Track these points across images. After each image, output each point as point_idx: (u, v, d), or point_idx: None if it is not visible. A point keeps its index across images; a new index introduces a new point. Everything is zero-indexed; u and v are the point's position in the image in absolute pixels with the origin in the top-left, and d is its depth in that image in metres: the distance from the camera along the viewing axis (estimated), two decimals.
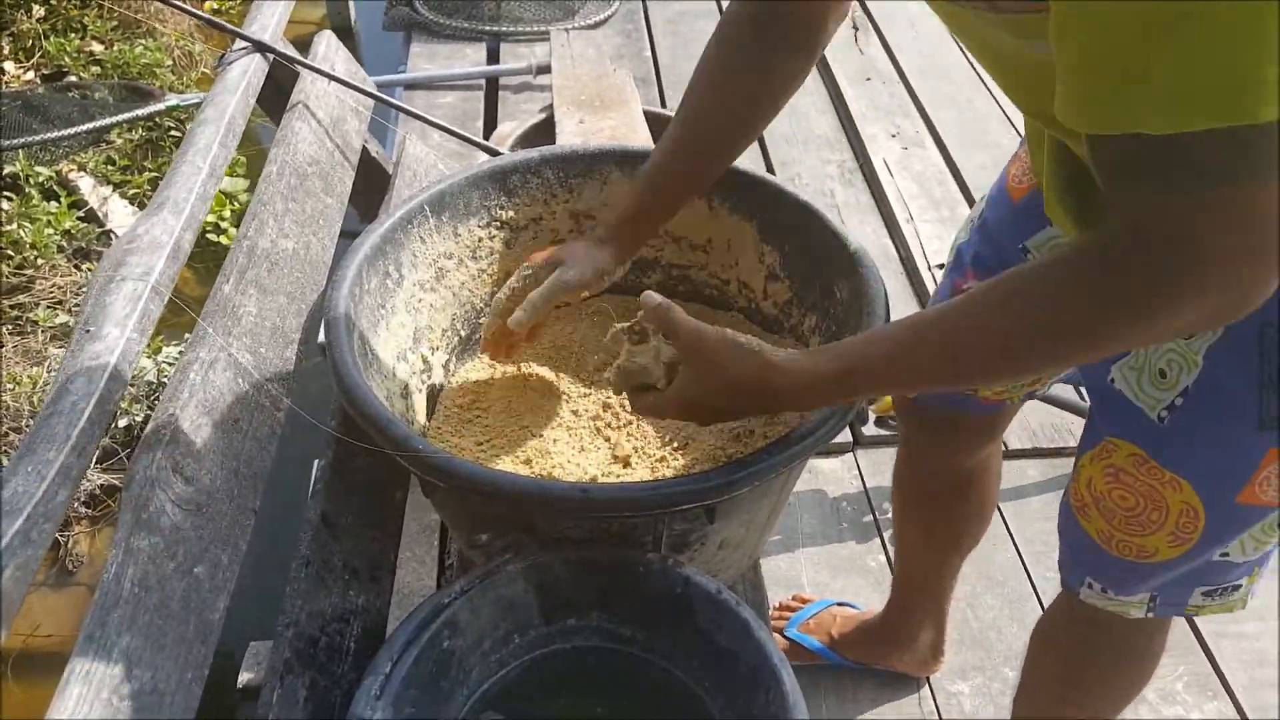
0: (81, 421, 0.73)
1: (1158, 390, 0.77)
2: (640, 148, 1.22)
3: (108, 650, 0.69)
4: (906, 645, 1.40)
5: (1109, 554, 0.86)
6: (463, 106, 2.73)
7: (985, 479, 1.22)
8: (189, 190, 1.00)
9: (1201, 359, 0.73)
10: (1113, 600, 0.89)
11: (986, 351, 0.65)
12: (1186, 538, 0.80)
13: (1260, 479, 0.75)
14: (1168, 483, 0.79)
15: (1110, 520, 0.84)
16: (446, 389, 1.20)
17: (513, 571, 0.88)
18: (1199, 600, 0.87)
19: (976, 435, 1.15)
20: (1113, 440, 0.83)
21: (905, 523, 1.32)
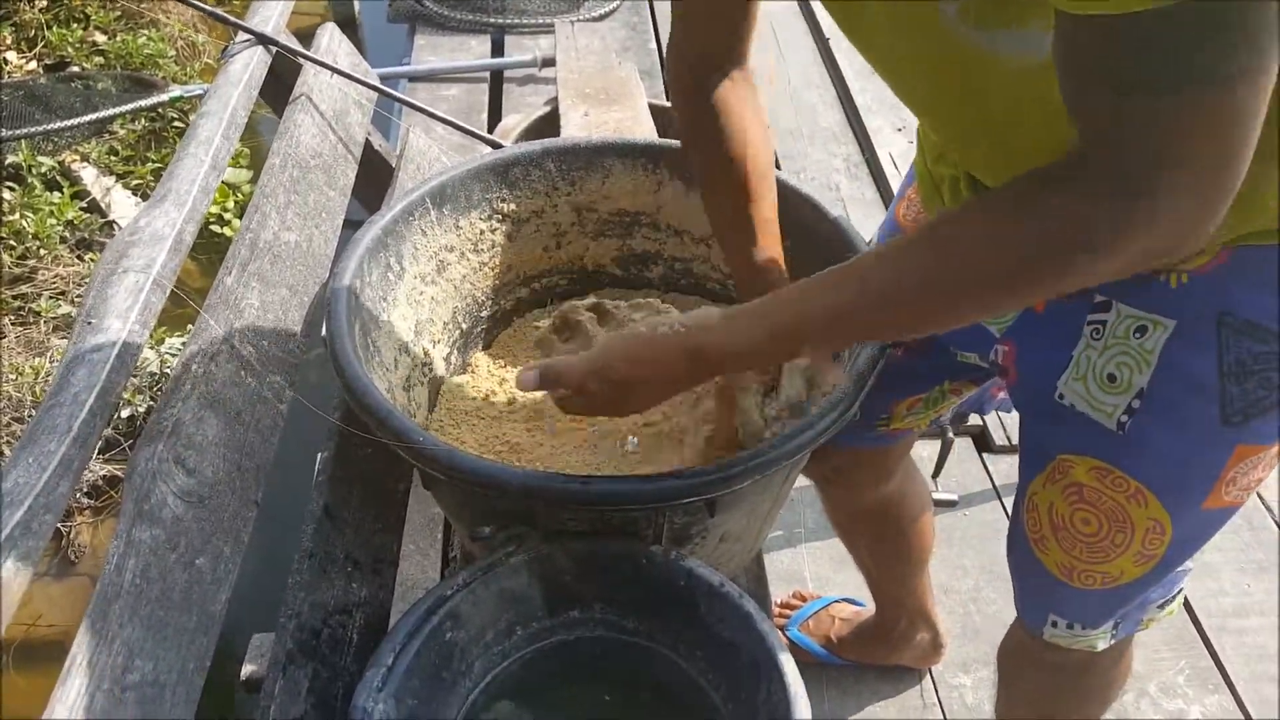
0: (83, 413, 0.73)
1: (1111, 395, 0.74)
2: (643, 141, 1.21)
3: (109, 641, 0.69)
4: (903, 646, 1.41)
5: (1071, 587, 0.82)
6: (467, 99, 2.73)
7: (905, 504, 1.21)
8: (191, 182, 1.00)
9: (1157, 356, 0.71)
10: (1079, 635, 0.87)
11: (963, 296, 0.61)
12: (1152, 554, 0.78)
13: (1227, 479, 0.73)
14: (1133, 495, 0.76)
15: (1070, 551, 0.81)
16: (448, 382, 1.20)
17: (515, 564, 0.88)
18: (1153, 613, 0.86)
19: (881, 470, 1.13)
20: (1067, 458, 0.79)
21: (854, 551, 1.33)
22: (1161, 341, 0.71)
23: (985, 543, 1.71)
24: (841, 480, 1.16)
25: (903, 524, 1.22)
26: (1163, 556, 0.78)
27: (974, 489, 1.80)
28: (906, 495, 1.20)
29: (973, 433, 1.88)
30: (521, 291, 1.29)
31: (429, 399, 1.15)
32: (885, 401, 1.01)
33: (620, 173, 1.21)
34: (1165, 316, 0.71)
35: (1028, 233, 0.56)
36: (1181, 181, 0.51)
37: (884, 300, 0.62)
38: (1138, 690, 1.49)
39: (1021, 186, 0.57)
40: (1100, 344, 0.74)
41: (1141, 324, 0.72)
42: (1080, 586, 0.82)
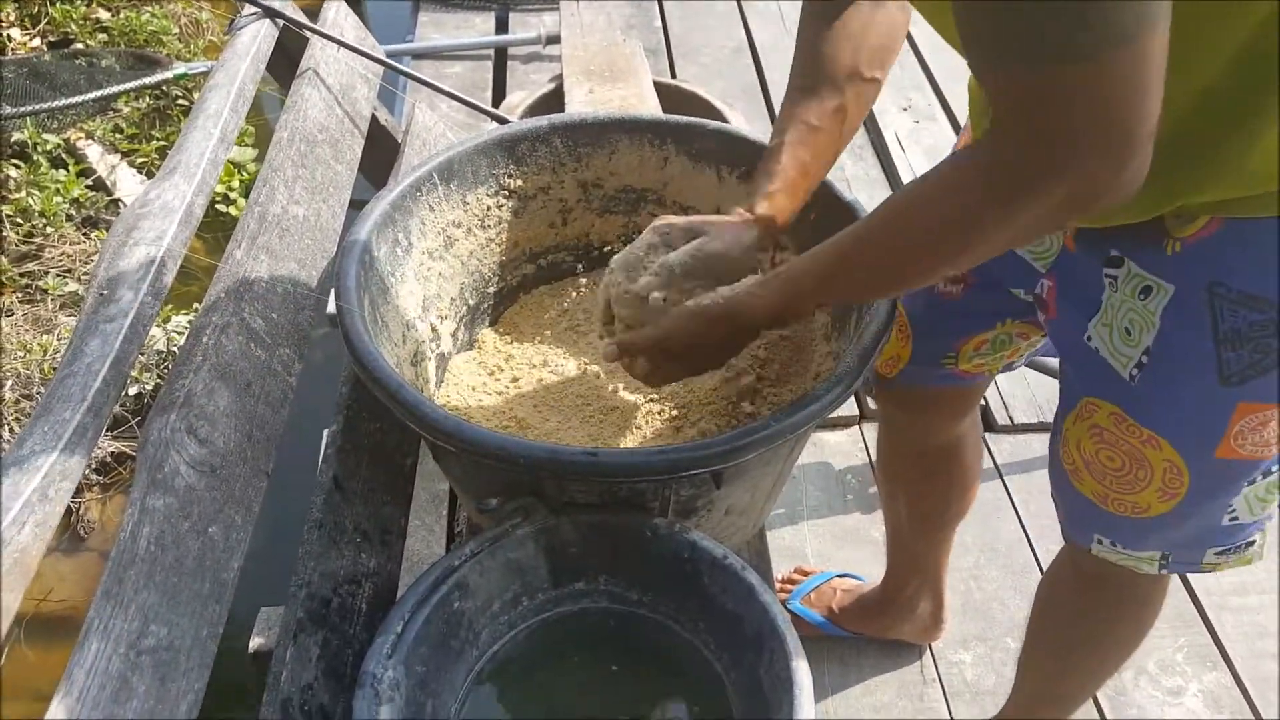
0: (97, 382, 0.74)
1: (1126, 347, 0.78)
2: (649, 116, 1.21)
3: (125, 606, 0.70)
4: (905, 616, 1.42)
5: (1108, 511, 0.87)
6: (471, 77, 2.72)
7: (964, 453, 1.23)
8: (200, 155, 1.00)
9: (1159, 319, 0.75)
10: (1124, 554, 0.90)
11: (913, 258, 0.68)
12: (1174, 492, 0.82)
13: (1234, 433, 0.76)
14: (1147, 441, 0.80)
15: (1101, 481, 0.86)
16: (455, 358, 1.20)
17: (522, 535, 0.89)
18: (1213, 559, 0.88)
19: (951, 410, 1.15)
20: (1091, 400, 0.84)
21: (890, 500, 1.34)
22: (1162, 305, 0.74)
23: (987, 520, 1.72)
24: (909, 417, 1.19)
25: (955, 474, 1.23)
26: (1185, 496, 0.81)
27: None
28: (966, 447, 1.22)
29: None
30: (528, 268, 1.29)
31: (436, 374, 1.16)
32: (949, 340, 1.05)
33: (626, 148, 1.21)
34: (1166, 281, 0.73)
35: (945, 197, 0.64)
36: (1084, 144, 0.54)
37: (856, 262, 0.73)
38: (1136, 668, 1.51)
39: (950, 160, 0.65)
40: (1117, 297, 0.78)
41: (1147, 285, 0.75)
42: (1115, 512, 0.86)
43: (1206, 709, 1.46)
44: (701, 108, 2.02)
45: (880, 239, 0.71)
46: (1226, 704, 1.47)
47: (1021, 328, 1.02)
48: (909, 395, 1.13)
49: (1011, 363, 1.08)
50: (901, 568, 1.39)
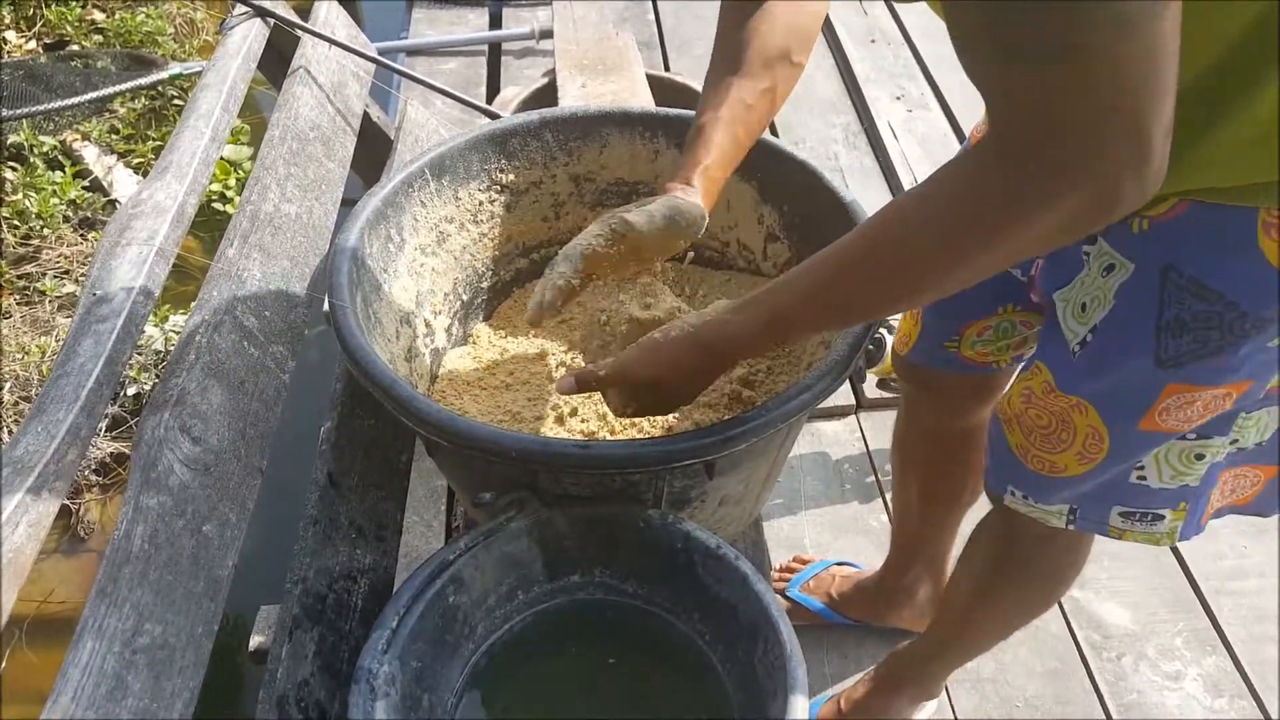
0: (90, 382, 0.74)
1: (1077, 324, 0.79)
2: (640, 110, 1.21)
3: (119, 605, 0.70)
4: (904, 602, 1.42)
5: (1025, 466, 0.88)
6: (465, 73, 2.72)
7: (980, 441, 1.23)
8: (192, 155, 1.01)
9: (1113, 297, 0.75)
10: (1034, 507, 0.91)
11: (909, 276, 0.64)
12: (1092, 457, 0.82)
13: (1159, 409, 0.76)
14: (1074, 406, 0.81)
15: (1028, 436, 0.87)
16: (449, 353, 1.21)
17: (516, 529, 0.89)
18: (1118, 522, 0.88)
19: (965, 398, 1.15)
20: (1038, 365, 0.85)
21: (902, 479, 1.34)
22: (1119, 283, 0.74)
23: (987, 506, 1.72)
24: (923, 397, 1.19)
25: (969, 461, 1.23)
26: (1102, 461, 0.82)
27: None
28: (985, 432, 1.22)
29: None
30: (521, 262, 1.29)
31: (430, 370, 1.16)
32: (953, 322, 1.05)
33: (617, 142, 1.21)
34: (1127, 259, 0.73)
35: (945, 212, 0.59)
36: (1094, 147, 0.51)
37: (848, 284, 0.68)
38: (1136, 653, 1.51)
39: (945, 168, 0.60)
40: (1088, 275, 0.78)
41: (1111, 263, 0.75)
42: (1032, 468, 0.88)
43: (1206, 693, 1.46)
44: (695, 100, 2.01)
45: (876, 258, 0.65)
46: (1226, 688, 1.47)
47: (1024, 316, 1.02)
48: (922, 375, 1.14)
49: (1022, 355, 1.07)
50: (904, 551, 1.39)
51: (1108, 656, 1.51)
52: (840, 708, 1.33)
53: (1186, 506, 0.86)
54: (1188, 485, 0.84)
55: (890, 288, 0.66)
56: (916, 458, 1.29)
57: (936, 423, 1.22)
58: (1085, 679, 1.48)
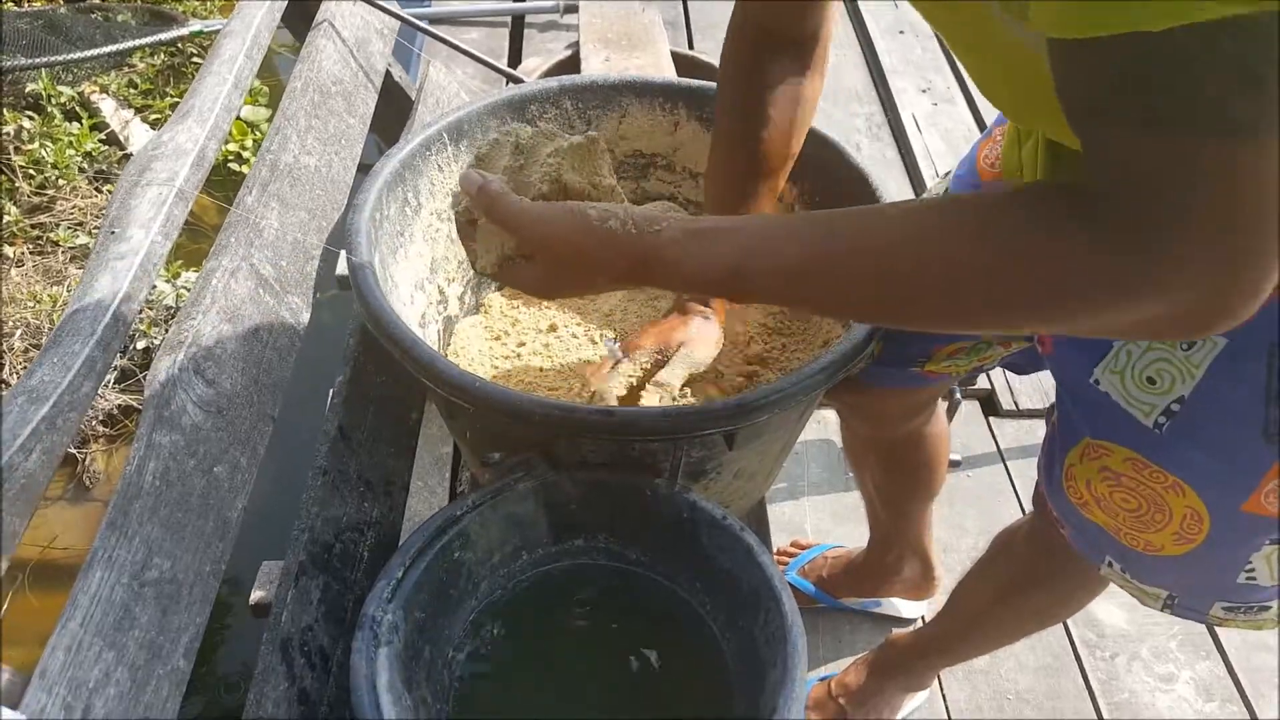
0: (106, 317, 0.74)
1: (1149, 396, 0.73)
2: (660, 80, 1.21)
3: (129, 538, 0.71)
4: (891, 578, 1.42)
5: (1120, 543, 0.84)
6: (487, 44, 2.71)
7: (924, 444, 1.20)
8: (214, 100, 1.00)
9: (1202, 372, 0.69)
10: (1132, 583, 0.87)
11: (918, 291, 0.55)
12: (1191, 538, 0.77)
13: (1266, 490, 0.72)
14: (1170, 487, 0.75)
15: (1114, 516, 0.82)
16: (461, 322, 1.20)
17: (523, 490, 0.90)
18: (1220, 613, 0.85)
19: (907, 409, 1.12)
20: (1097, 443, 0.79)
21: (859, 480, 1.33)
22: (1210, 358, 0.69)
23: (987, 504, 1.72)
24: (863, 413, 1.16)
25: (913, 465, 1.22)
26: (1202, 543, 0.77)
27: (978, 451, 1.81)
28: (925, 439, 1.19)
29: (980, 396, 1.89)
30: None
31: (442, 337, 1.16)
32: (927, 344, 0.99)
33: (637, 112, 1.20)
34: (1219, 335, 0.68)
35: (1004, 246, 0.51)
36: (1205, 239, 0.44)
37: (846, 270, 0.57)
38: (1129, 653, 1.51)
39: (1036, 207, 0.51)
40: (1143, 345, 0.72)
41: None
42: (1128, 545, 0.83)
43: (1197, 696, 1.47)
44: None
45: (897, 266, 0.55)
46: (1217, 692, 1.47)
47: (1004, 336, 0.98)
48: (866, 393, 1.07)
49: (981, 367, 1.03)
50: (879, 539, 1.39)
51: (1101, 656, 1.51)
52: (831, 690, 1.34)
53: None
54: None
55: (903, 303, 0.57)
56: (863, 464, 1.28)
57: (873, 434, 1.20)
58: (1078, 676, 1.48)
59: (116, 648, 0.64)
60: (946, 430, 1.25)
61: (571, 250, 0.63)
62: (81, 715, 0.60)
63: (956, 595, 1.17)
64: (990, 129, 0.97)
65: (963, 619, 1.16)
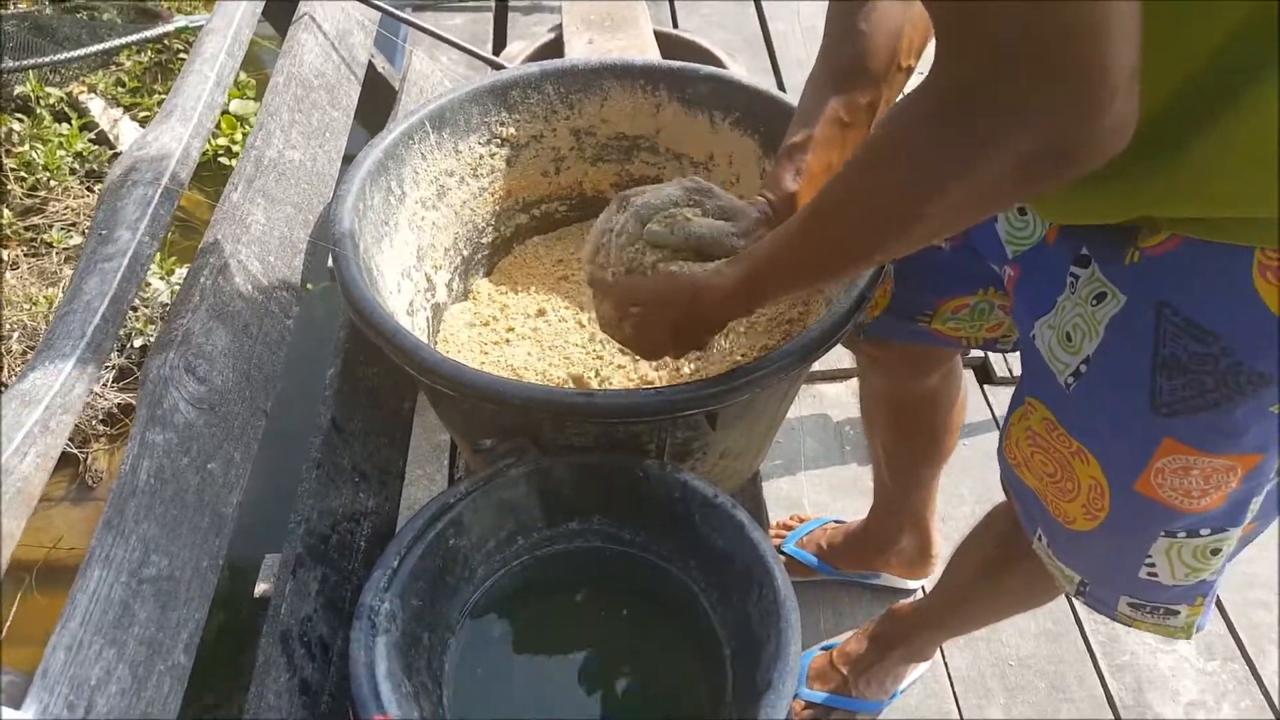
0: (96, 319, 0.75)
1: (1065, 354, 0.74)
2: (641, 62, 1.20)
3: (125, 536, 0.71)
4: (889, 550, 1.43)
5: (1047, 511, 0.84)
6: (471, 29, 2.69)
7: (938, 407, 1.20)
8: (197, 99, 1.01)
9: (1103, 329, 0.70)
10: (1053, 561, 0.87)
11: (862, 226, 0.61)
12: (1096, 513, 0.78)
13: (1155, 468, 0.71)
14: (1075, 453, 0.76)
15: (1040, 480, 0.83)
16: (449, 309, 1.21)
17: (515, 475, 0.90)
18: (1127, 610, 0.85)
19: (920, 367, 1.12)
20: (1031, 400, 0.80)
21: (870, 440, 1.34)
22: (1110, 315, 0.69)
23: (984, 472, 1.73)
24: (882, 364, 1.16)
25: (923, 427, 1.22)
26: (1105, 520, 0.77)
27: (974, 419, 1.82)
28: (940, 401, 1.19)
29: (974, 364, 1.89)
30: (521, 217, 1.29)
31: (432, 325, 1.17)
32: (929, 297, 1.00)
33: (619, 95, 1.20)
34: (1120, 290, 0.69)
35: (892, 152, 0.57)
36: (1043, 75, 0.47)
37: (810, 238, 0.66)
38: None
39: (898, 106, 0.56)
40: (1072, 299, 0.73)
41: (1102, 291, 0.70)
42: (1052, 513, 0.83)
43: (1199, 656, 1.48)
44: (703, 58, 2.00)
45: (834, 209, 0.63)
46: (1219, 651, 1.49)
47: (1004, 300, 0.97)
48: (879, 345, 1.10)
49: (995, 339, 1.03)
50: (885, 505, 1.40)
51: (1101, 618, 1.52)
52: (832, 661, 1.35)
53: (1204, 600, 0.81)
54: (1204, 580, 0.79)
55: (849, 244, 0.64)
56: (876, 423, 1.28)
57: (889, 389, 1.20)
58: (1079, 640, 1.49)
59: (117, 645, 0.65)
60: (963, 399, 1.25)
61: (647, 298, 0.80)
62: (84, 713, 0.61)
63: (950, 567, 1.18)
64: None
65: (954, 592, 1.17)
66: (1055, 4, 0.45)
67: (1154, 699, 1.43)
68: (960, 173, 0.53)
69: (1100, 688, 1.44)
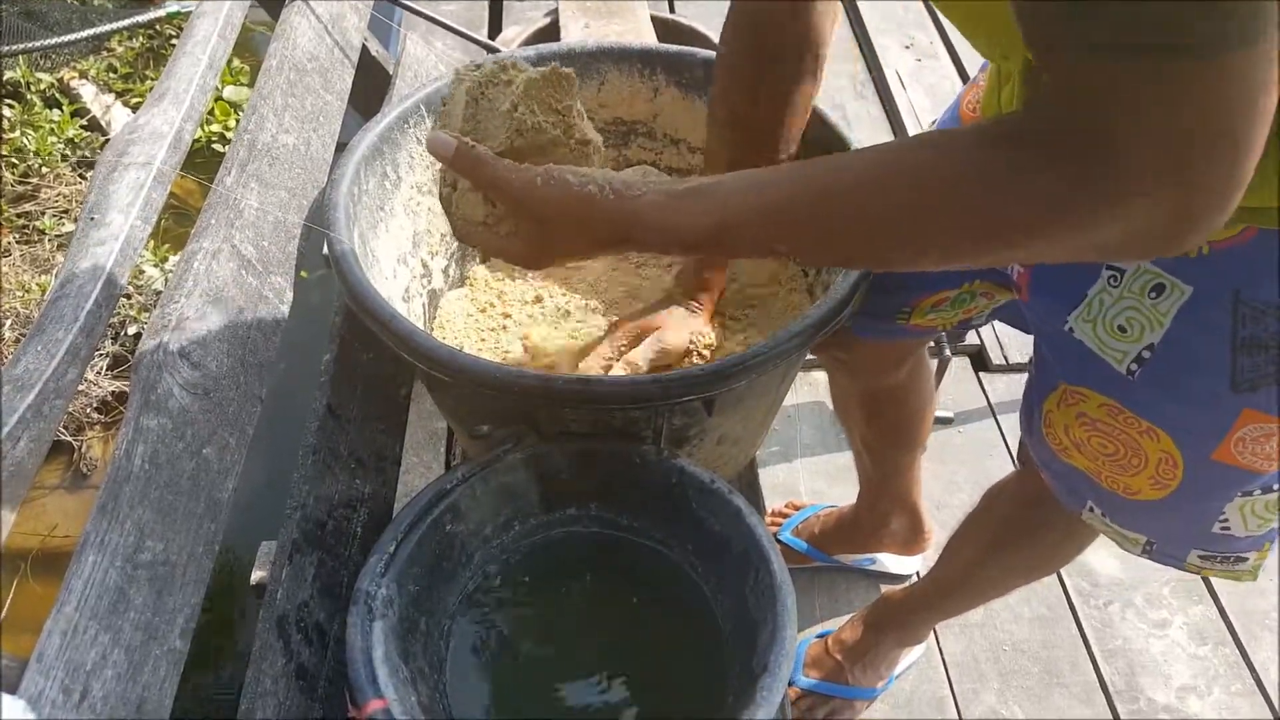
0: (88, 303, 0.75)
1: (1121, 344, 0.74)
2: (638, 46, 1.20)
3: (120, 521, 0.71)
4: (880, 532, 1.44)
5: (1101, 486, 0.85)
6: (466, 15, 2.68)
7: (909, 396, 1.21)
8: (189, 82, 1.00)
9: (1170, 319, 0.70)
10: (1112, 528, 0.88)
11: (888, 230, 0.55)
12: (1167, 483, 0.79)
13: (1235, 438, 0.72)
14: (1145, 432, 0.77)
15: (1094, 460, 0.83)
16: (446, 295, 1.20)
17: (513, 461, 0.90)
18: (1197, 561, 0.86)
19: (889, 361, 1.12)
20: (1076, 389, 0.80)
21: (848, 433, 1.34)
22: (1177, 306, 0.69)
23: (979, 459, 1.73)
24: (847, 366, 1.17)
25: (897, 417, 1.22)
26: (1177, 488, 0.78)
27: (969, 407, 1.82)
28: (910, 391, 1.20)
29: (970, 352, 1.90)
30: None
31: (428, 311, 1.16)
32: (908, 295, 0.99)
33: (616, 79, 1.19)
34: (1184, 281, 0.68)
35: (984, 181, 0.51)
36: (1159, 165, 0.45)
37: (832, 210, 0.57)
38: (1123, 600, 1.53)
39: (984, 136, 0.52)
40: (1116, 292, 0.73)
41: (1160, 283, 0.70)
42: (1108, 488, 0.84)
43: (1190, 640, 1.49)
44: (700, 44, 1.99)
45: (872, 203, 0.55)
46: (1210, 636, 1.50)
47: (986, 287, 0.97)
48: (850, 345, 1.08)
49: (969, 320, 1.03)
50: (868, 489, 1.40)
51: (1095, 604, 1.53)
52: (828, 647, 1.36)
53: (1270, 545, 0.83)
54: (1273, 528, 0.81)
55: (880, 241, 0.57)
56: (850, 415, 1.28)
57: (857, 386, 1.20)
58: (1072, 625, 1.50)
59: (112, 630, 0.65)
60: (931, 382, 1.26)
61: (551, 215, 0.62)
62: (79, 698, 0.61)
63: (948, 551, 1.18)
64: (975, 77, 0.97)
65: (954, 574, 1.17)
66: (1208, 85, 0.43)
67: (1146, 683, 1.44)
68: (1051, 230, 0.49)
69: (1093, 672, 1.45)
